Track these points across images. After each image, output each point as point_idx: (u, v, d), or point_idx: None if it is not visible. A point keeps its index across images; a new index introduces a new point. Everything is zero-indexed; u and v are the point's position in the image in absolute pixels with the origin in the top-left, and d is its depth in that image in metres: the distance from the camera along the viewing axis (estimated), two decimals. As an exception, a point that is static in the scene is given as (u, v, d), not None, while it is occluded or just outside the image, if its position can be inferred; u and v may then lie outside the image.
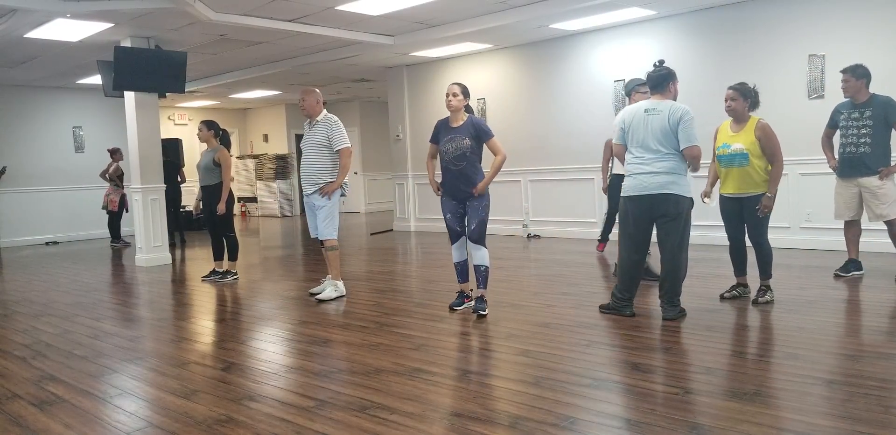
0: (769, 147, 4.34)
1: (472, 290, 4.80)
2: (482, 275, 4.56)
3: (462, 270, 4.72)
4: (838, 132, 5.37)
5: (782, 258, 5.11)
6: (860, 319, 4.05)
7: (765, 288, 4.55)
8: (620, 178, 4.66)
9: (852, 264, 5.38)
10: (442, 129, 4.59)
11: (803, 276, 5.45)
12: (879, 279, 5.18)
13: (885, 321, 4.04)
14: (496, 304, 4.82)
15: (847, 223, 5.43)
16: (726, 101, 4.47)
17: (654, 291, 4.80)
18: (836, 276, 5.37)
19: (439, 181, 4.65)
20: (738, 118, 4.48)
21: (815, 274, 5.48)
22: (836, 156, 5.42)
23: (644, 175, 4.13)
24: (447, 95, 4.49)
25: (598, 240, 7.46)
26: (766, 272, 4.54)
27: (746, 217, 4.51)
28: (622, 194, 4.29)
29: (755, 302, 4.50)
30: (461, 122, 4.50)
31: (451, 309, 4.73)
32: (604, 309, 4.45)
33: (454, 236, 4.64)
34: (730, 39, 7.22)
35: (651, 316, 4.30)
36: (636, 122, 4.19)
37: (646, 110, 4.17)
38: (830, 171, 5.49)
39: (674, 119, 4.05)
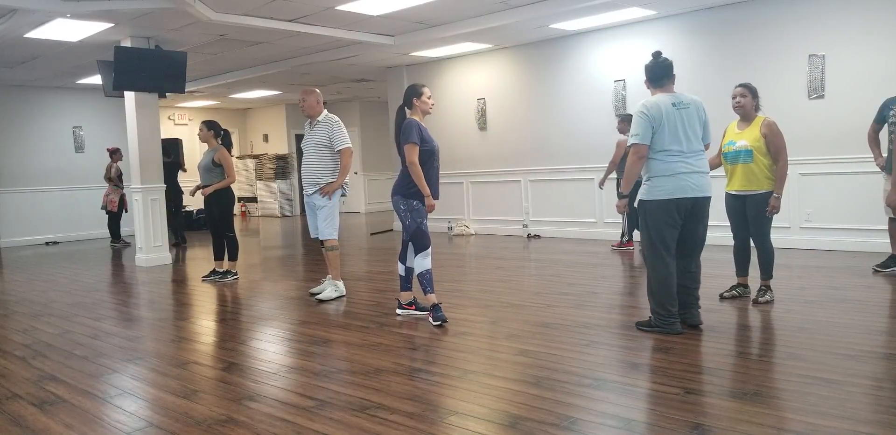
0: (774, 145, 4.34)
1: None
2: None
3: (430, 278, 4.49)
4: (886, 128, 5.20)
5: (782, 258, 5.11)
6: (861, 318, 4.04)
7: (765, 288, 4.55)
8: None
9: (892, 260, 5.37)
10: (424, 131, 4.42)
11: (803, 276, 5.44)
12: (880, 279, 5.19)
13: (885, 321, 4.04)
14: (497, 304, 4.82)
15: (890, 220, 5.38)
16: (734, 98, 4.48)
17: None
18: (874, 271, 5.39)
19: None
20: (746, 116, 4.49)
21: (816, 274, 5.48)
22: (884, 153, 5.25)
23: (691, 175, 3.78)
24: (429, 98, 4.47)
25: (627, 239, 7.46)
26: (767, 272, 4.54)
27: (750, 216, 4.50)
28: (655, 197, 3.82)
29: (755, 302, 4.51)
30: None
31: (442, 325, 4.29)
32: (643, 327, 3.96)
33: (428, 244, 4.46)
34: (730, 39, 7.22)
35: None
36: (668, 118, 3.79)
37: (674, 105, 3.82)
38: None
39: (702, 112, 3.91)
